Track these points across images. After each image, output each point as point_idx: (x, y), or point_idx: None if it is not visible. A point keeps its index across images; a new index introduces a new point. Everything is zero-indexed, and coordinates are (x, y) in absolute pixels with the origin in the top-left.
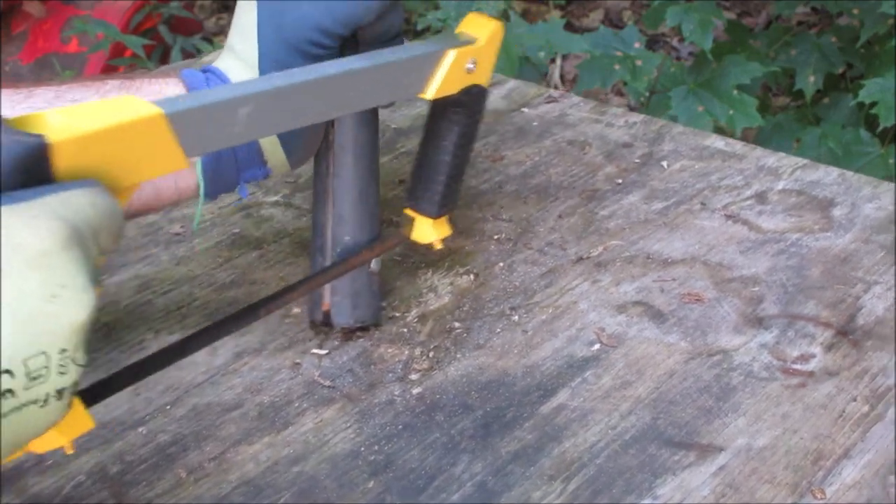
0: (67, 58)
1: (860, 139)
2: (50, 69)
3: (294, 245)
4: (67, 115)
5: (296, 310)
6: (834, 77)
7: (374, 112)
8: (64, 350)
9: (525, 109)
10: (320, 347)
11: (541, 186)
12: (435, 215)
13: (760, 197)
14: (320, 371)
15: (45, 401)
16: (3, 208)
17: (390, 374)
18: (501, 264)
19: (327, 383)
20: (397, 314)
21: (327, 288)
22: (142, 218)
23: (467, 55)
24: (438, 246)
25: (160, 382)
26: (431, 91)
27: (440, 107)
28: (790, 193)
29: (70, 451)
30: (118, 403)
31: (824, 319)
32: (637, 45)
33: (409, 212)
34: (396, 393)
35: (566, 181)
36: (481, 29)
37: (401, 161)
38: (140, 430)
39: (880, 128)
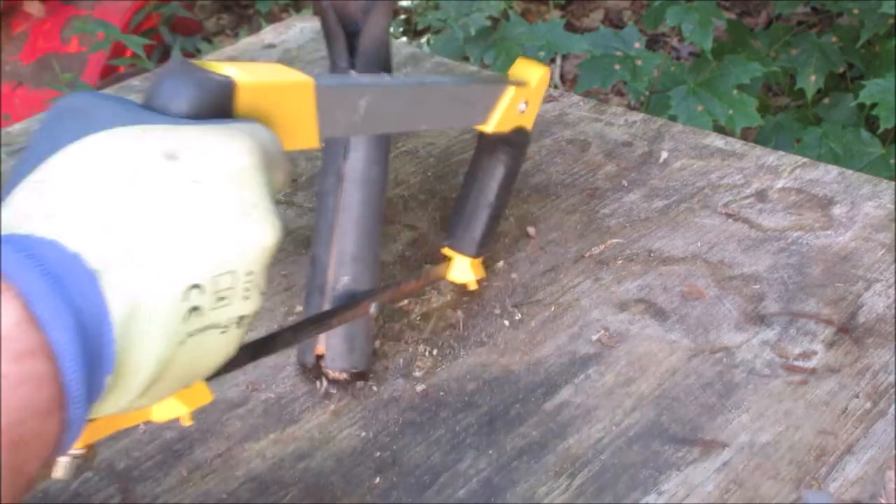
0: (68, 58)
1: (861, 139)
2: (50, 69)
3: (296, 243)
4: (241, 67)
5: (299, 308)
6: (834, 77)
7: (385, 151)
8: (250, 273)
9: None
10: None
11: (541, 185)
12: (474, 255)
13: (760, 195)
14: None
15: (227, 327)
16: (203, 127)
17: (394, 372)
18: (503, 262)
19: (332, 379)
20: (401, 312)
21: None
22: None
23: (521, 95)
24: (474, 287)
25: None
26: (492, 123)
27: (490, 145)
28: (790, 192)
29: (188, 423)
30: None
31: (825, 317)
32: (637, 45)
33: (447, 251)
34: (401, 390)
35: (567, 180)
36: (531, 73)
37: (401, 160)
38: (146, 426)
39: (881, 128)
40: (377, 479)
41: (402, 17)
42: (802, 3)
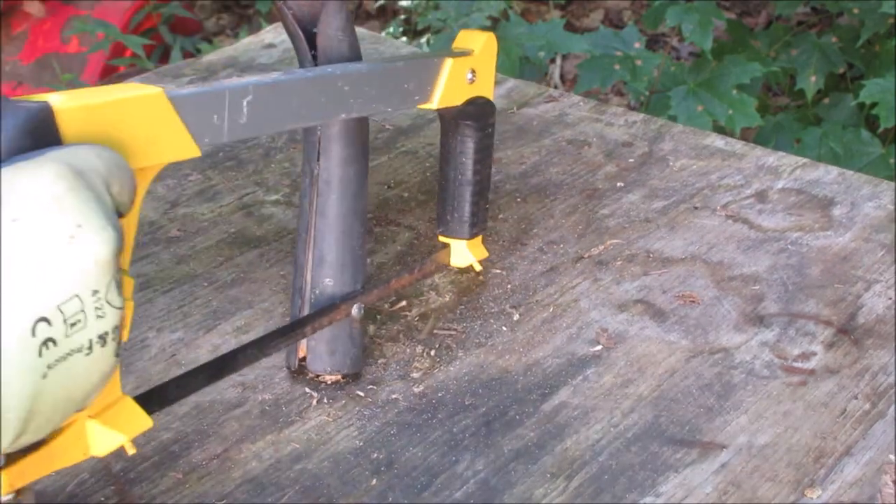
0: (67, 58)
1: (861, 139)
2: (50, 69)
3: (294, 243)
4: (69, 93)
5: None
6: (834, 77)
7: (363, 150)
8: (96, 291)
9: (525, 109)
10: None
11: (541, 185)
12: (468, 236)
13: (760, 196)
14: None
15: (90, 348)
16: (11, 166)
17: (392, 373)
18: (502, 263)
19: (329, 381)
20: (399, 313)
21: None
22: (141, 217)
23: (465, 65)
24: (478, 268)
25: (163, 380)
26: (435, 100)
27: (450, 122)
28: (790, 192)
29: (132, 451)
30: None
31: (825, 318)
32: (637, 45)
33: (442, 238)
34: (398, 391)
35: (566, 180)
36: (474, 41)
37: (400, 160)
38: None
39: (881, 128)
40: (374, 481)
41: (402, 17)
42: (802, 3)
